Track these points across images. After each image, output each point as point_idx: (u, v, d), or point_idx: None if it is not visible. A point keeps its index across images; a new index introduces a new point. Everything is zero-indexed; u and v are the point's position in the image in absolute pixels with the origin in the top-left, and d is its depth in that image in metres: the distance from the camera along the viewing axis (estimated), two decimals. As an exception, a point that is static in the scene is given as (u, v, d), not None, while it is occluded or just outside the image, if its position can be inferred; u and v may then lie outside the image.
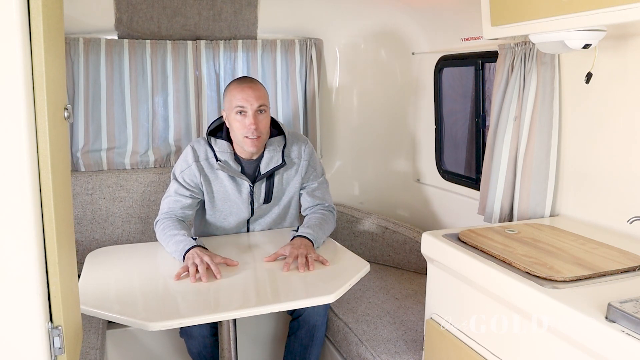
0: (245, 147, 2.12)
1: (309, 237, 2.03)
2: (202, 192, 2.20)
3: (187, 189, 2.18)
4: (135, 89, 2.73)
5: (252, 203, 2.23)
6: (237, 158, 2.20)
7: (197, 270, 1.80)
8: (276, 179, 2.24)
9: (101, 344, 2.10)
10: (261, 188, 2.22)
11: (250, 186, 2.19)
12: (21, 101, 0.92)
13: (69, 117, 1.18)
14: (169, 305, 1.69)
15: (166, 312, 1.62)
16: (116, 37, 2.69)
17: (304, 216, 2.29)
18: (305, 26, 2.96)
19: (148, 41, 2.71)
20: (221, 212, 2.24)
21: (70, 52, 2.61)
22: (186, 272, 1.82)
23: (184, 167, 2.19)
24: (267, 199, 2.24)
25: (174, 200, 2.16)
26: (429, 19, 2.77)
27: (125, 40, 2.68)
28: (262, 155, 2.20)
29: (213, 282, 1.77)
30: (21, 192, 0.94)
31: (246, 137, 2.09)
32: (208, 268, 1.82)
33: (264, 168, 2.19)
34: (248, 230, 2.32)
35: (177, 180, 2.19)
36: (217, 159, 2.17)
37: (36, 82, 0.95)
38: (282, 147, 2.23)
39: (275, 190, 2.24)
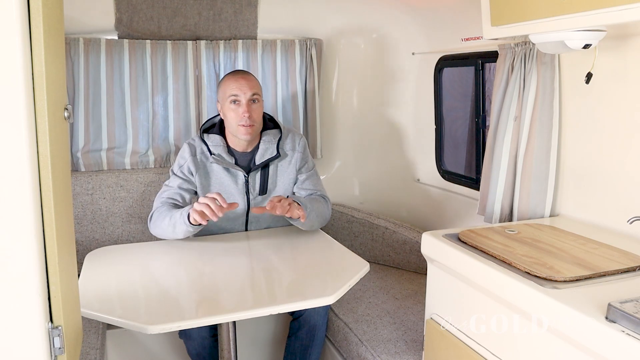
0: (239, 135, 2.20)
1: (297, 201, 2.10)
2: (196, 184, 2.27)
3: (188, 182, 2.24)
4: (135, 89, 2.73)
5: (247, 194, 2.26)
6: (230, 151, 2.27)
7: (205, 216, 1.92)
8: (271, 169, 2.29)
9: (101, 344, 2.10)
10: (256, 178, 2.27)
11: (245, 176, 2.24)
12: (21, 101, 0.92)
13: (69, 117, 1.18)
14: (169, 306, 1.69)
15: (166, 314, 1.61)
16: (116, 37, 2.69)
17: None
18: (305, 26, 2.96)
19: (148, 41, 2.71)
20: None
21: (70, 52, 2.61)
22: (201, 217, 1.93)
23: (182, 162, 2.26)
24: (263, 190, 2.28)
25: (175, 193, 2.22)
26: (429, 19, 2.77)
27: (125, 41, 2.69)
28: (256, 147, 2.27)
29: (213, 283, 1.76)
30: (21, 192, 0.94)
31: (240, 125, 2.17)
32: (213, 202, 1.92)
33: (259, 159, 2.26)
34: (247, 224, 2.32)
35: (177, 175, 2.25)
36: (210, 153, 2.23)
37: (36, 82, 0.94)
38: (277, 139, 2.29)
39: (270, 181, 2.30)
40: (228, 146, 2.27)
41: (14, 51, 0.90)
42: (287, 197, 2.11)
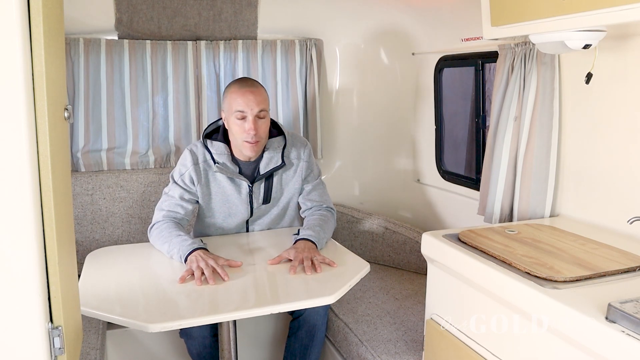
0: (243, 151, 2.13)
1: (311, 239, 2.03)
2: (198, 194, 2.20)
3: (190, 192, 2.18)
4: (135, 89, 2.73)
5: (251, 203, 2.23)
6: (234, 159, 2.20)
7: (202, 273, 1.79)
8: (275, 179, 2.24)
9: (101, 344, 2.10)
10: (260, 188, 2.22)
11: (249, 186, 2.19)
12: (21, 101, 0.92)
13: (69, 117, 1.18)
14: (169, 306, 1.69)
15: (166, 313, 1.61)
16: (116, 38, 2.69)
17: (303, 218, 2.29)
18: (305, 26, 2.96)
19: (148, 41, 2.71)
20: (220, 213, 2.24)
21: (70, 52, 2.61)
22: (191, 275, 1.81)
23: (183, 170, 2.18)
24: (266, 199, 2.24)
25: (176, 204, 2.15)
26: (429, 19, 2.77)
27: (126, 41, 2.69)
28: (261, 156, 2.20)
29: (215, 282, 1.77)
30: (21, 192, 0.94)
31: (245, 141, 2.09)
32: (214, 271, 1.82)
33: (263, 168, 2.19)
34: (247, 231, 2.32)
35: (178, 184, 2.18)
36: (214, 161, 2.17)
37: (36, 82, 0.95)
38: (281, 147, 2.23)
39: (274, 190, 2.24)
40: (232, 154, 2.19)
41: (14, 51, 0.90)
42: (296, 236, 2.06)
